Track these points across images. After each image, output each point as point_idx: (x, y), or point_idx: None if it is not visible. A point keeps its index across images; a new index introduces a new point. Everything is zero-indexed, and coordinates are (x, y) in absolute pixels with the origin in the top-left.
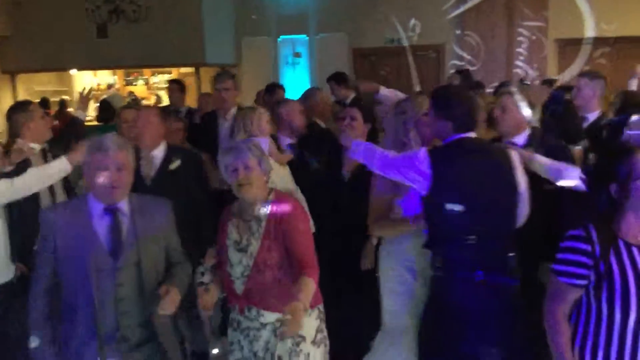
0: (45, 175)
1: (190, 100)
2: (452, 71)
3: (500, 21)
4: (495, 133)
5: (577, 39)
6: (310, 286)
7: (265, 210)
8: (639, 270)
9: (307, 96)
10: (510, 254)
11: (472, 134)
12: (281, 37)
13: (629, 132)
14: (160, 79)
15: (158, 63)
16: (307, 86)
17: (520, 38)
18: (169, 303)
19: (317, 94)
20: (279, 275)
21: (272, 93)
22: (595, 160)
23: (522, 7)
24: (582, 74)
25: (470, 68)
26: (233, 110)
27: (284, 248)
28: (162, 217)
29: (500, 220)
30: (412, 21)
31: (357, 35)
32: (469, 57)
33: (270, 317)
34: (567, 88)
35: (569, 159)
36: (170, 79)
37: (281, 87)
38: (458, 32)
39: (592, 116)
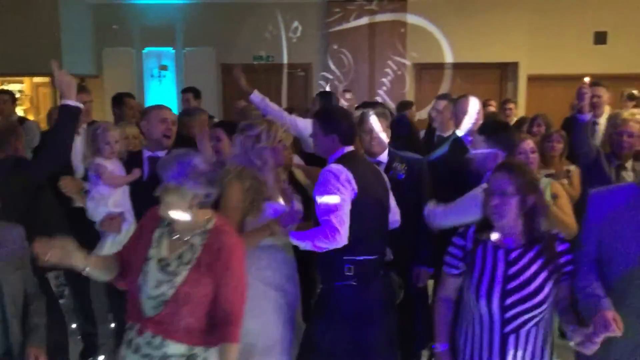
0: None
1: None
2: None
3: (364, 50)
4: None
5: (437, 64)
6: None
7: (201, 239)
8: (497, 271)
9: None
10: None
11: (353, 148)
12: (146, 49)
13: (472, 150)
14: (12, 89)
15: (9, 72)
16: (175, 100)
17: (387, 69)
18: None
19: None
20: (197, 311)
21: (119, 104)
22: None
23: (383, 38)
24: (440, 97)
25: (338, 84)
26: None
27: (213, 286)
28: (19, 243)
29: (386, 223)
30: (282, 39)
31: (226, 50)
32: (339, 74)
33: (175, 349)
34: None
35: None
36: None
37: (130, 96)
38: (335, 46)
39: (447, 135)
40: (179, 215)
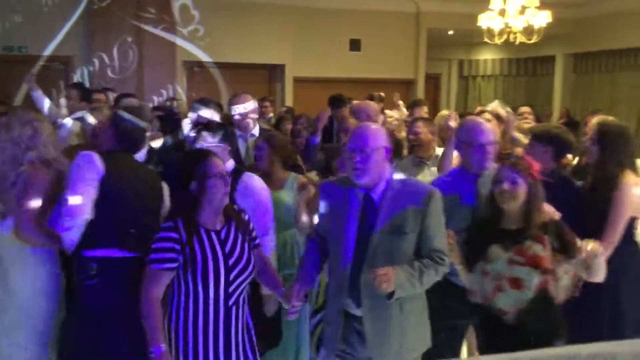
0: None
1: None
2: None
3: (132, 56)
4: None
5: (206, 63)
6: None
7: None
8: (217, 253)
9: None
10: None
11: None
12: None
13: (198, 145)
14: None
15: None
16: None
17: (163, 90)
18: None
19: None
20: None
21: None
22: (178, 163)
23: (150, 41)
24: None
25: (112, 76)
26: None
27: None
28: None
29: (151, 221)
30: (42, 30)
31: None
32: (116, 66)
33: None
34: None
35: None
36: None
37: None
38: (130, 38)
39: None
40: None
